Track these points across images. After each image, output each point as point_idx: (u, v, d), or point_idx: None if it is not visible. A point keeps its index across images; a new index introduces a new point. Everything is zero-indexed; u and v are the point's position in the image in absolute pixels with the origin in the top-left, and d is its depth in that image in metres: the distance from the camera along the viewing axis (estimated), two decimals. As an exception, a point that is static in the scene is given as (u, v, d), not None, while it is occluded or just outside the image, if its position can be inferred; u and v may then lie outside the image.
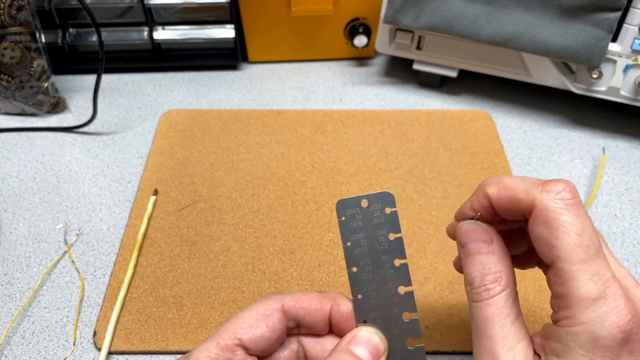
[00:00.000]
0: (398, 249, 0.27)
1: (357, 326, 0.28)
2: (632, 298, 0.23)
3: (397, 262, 0.27)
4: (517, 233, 0.29)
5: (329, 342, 0.29)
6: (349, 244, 0.28)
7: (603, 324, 0.22)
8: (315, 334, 0.29)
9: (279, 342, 0.28)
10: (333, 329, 0.29)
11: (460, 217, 0.29)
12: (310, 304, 0.28)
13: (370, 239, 0.28)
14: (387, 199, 0.27)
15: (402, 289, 0.27)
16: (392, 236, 0.27)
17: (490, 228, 0.27)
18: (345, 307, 0.28)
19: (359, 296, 0.28)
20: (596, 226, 0.45)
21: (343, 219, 0.28)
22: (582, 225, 0.23)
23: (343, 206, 0.28)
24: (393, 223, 0.27)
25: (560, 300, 0.23)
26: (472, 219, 0.28)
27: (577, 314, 0.22)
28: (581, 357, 0.22)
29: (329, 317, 0.28)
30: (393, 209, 0.27)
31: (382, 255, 0.27)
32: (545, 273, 0.26)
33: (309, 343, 0.29)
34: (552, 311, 0.24)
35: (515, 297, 0.26)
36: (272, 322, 0.27)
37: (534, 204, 0.24)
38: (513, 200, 0.25)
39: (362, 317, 0.28)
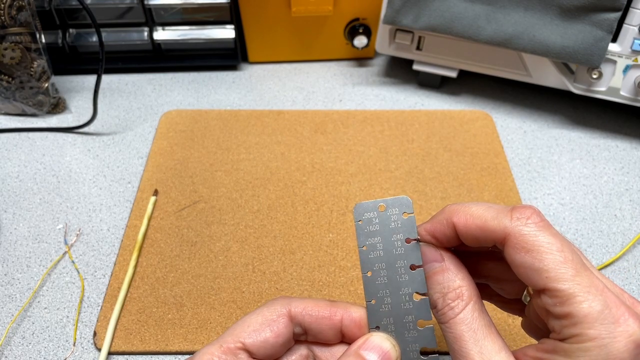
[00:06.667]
0: (414, 254, 0.27)
1: (369, 332, 0.27)
2: (627, 303, 0.23)
3: (413, 268, 0.27)
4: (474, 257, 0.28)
5: (339, 349, 0.28)
6: (364, 247, 0.27)
7: (615, 336, 0.21)
8: (325, 343, 0.29)
9: (285, 348, 0.28)
10: (345, 337, 0.28)
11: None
12: (318, 311, 0.28)
13: (386, 244, 0.27)
14: (404, 203, 0.27)
15: (416, 296, 0.27)
16: (408, 241, 0.27)
17: (439, 247, 0.27)
18: (358, 313, 0.28)
19: (372, 301, 0.27)
20: (596, 226, 0.45)
21: (359, 222, 0.27)
22: (560, 242, 0.23)
23: (360, 209, 0.27)
24: (410, 228, 0.27)
25: (564, 320, 0.22)
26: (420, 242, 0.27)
27: (585, 331, 0.22)
28: None
29: (340, 326, 0.28)
30: (410, 214, 0.27)
31: (397, 260, 0.27)
32: (533, 301, 0.25)
33: (319, 349, 0.29)
34: (553, 332, 0.23)
35: (481, 308, 0.25)
36: (277, 327, 0.27)
37: (507, 232, 0.24)
38: (483, 230, 0.24)
39: (375, 322, 0.27)
